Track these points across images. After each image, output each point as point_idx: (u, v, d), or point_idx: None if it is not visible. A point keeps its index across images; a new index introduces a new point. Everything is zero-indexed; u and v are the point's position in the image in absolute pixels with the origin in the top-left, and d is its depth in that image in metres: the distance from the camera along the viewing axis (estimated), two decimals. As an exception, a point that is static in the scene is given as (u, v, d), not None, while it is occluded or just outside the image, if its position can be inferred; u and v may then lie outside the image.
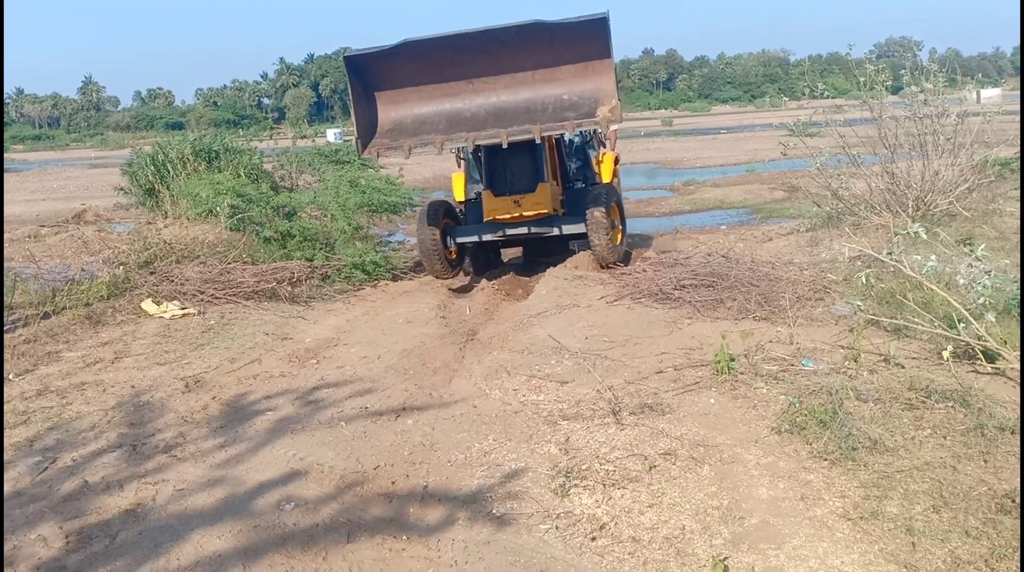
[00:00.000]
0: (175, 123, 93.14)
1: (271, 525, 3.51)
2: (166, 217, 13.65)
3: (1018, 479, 3.41)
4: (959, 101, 10.53)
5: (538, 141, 7.53)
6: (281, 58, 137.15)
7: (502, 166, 8.71)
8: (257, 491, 3.87)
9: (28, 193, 28.10)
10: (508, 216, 8.67)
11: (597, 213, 8.36)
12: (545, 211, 8.66)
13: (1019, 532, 3.02)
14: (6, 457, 4.56)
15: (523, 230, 8.93)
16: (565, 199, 9.25)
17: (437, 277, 9.01)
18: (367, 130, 8.02)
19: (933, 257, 5.84)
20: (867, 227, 9.36)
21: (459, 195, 9.64)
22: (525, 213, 8.63)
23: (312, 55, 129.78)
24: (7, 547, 3.56)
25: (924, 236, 5.11)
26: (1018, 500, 3.25)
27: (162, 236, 10.34)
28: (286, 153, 16.23)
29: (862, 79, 9.97)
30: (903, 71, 10.33)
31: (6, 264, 9.77)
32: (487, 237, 9.19)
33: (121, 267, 8.97)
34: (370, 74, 8.00)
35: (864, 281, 5.40)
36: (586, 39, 7.23)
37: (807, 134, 10.42)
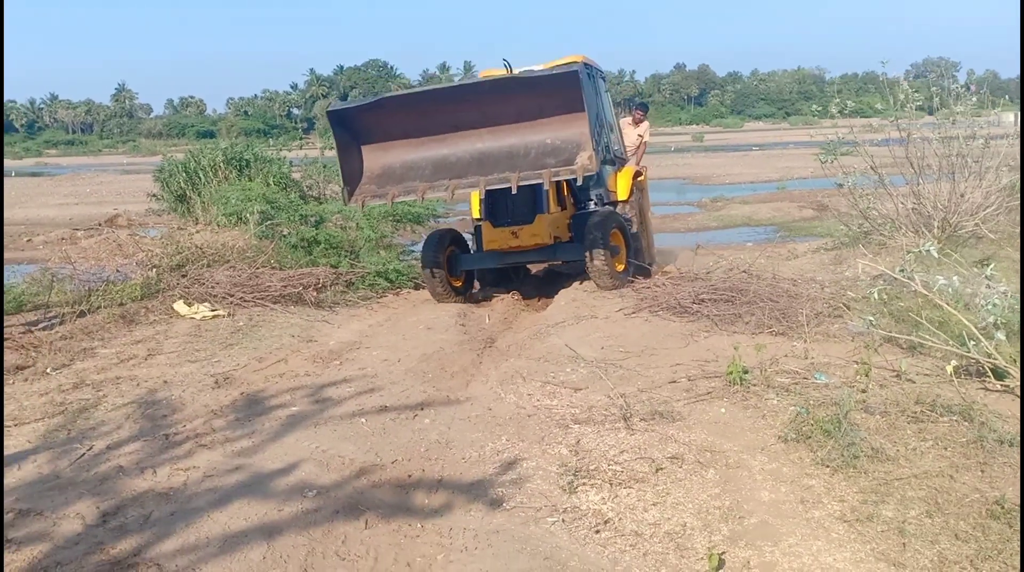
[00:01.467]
0: (206, 131, 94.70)
1: (293, 510, 3.71)
2: (196, 223, 14.03)
3: (1010, 487, 3.53)
4: (992, 123, 10.55)
5: (514, 191, 7.51)
6: (311, 69, 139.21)
7: (502, 196, 8.73)
8: (280, 479, 4.06)
9: (61, 197, 28.80)
10: (506, 247, 8.81)
11: (595, 251, 8.38)
12: (542, 242, 8.74)
13: (1010, 536, 3.14)
14: (45, 443, 4.80)
15: (523, 259, 9.06)
16: (572, 223, 9.30)
17: (440, 301, 9.09)
18: (353, 177, 8.12)
19: (955, 278, 5.93)
20: (892, 247, 9.41)
21: (475, 213, 9.74)
22: (523, 244, 8.73)
23: (341, 67, 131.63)
24: (46, 523, 3.78)
25: (936, 255, 5.22)
26: (1006, 506, 3.36)
27: (194, 241, 10.64)
28: (314, 163, 16.60)
29: (899, 97, 9.99)
30: (935, 91, 10.37)
31: (44, 265, 10.14)
32: (488, 266, 9.36)
33: (154, 270, 9.27)
34: (356, 125, 8.12)
35: (876, 297, 5.51)
36: (562, 90, 7.27)
37: (840, 153, 10.48)
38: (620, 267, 8.89)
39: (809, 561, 3.21)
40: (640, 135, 12.02)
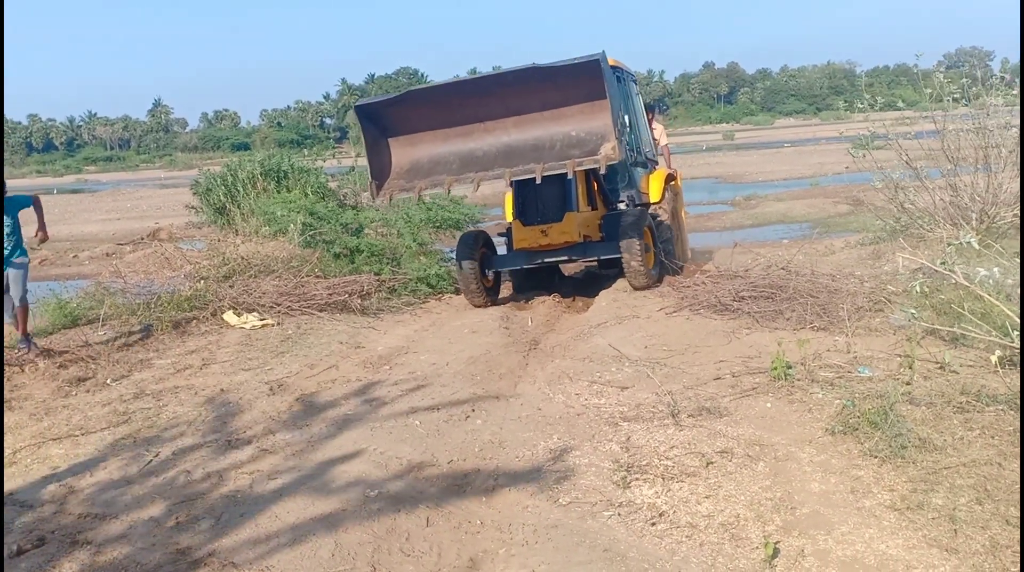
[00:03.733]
0: (241, 144, 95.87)
1: (357, 509, 3.86)
2: (237, 234, 14.30)
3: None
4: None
5: (538, 181, 7.60)
6: (343, 79, 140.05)
7: (533, 195, 8.83)
8: (342, 479, 4.23)
9: (103, 213, 29.50)
10: (536, 245, 8.92)
11: (632, 251, 8.51)
12: (572, 240, 8.83)
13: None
14: (113, 450, 5.02)
15: (553, 258, 9.16)
16: (603, 223, 9.38)
17: (473, 304, 9.24)
18: (381, 172, 8.24)
19: (996, 269, 5.93)
20: (931, 240, 9.38)
21: (508, 216, 9.84)
22: (553, 242, 8.83)
23: (373, 75, 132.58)
24: (122, 525, 3.98)
25: (976, 246, 5.24)
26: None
27: (239, 252, 10.89)
28: (350, 172, 16.83)
29: (928, 91, 9.94)
30: (966, 81, 10.29)
31: (96, 279, 10.48)
32: (519, 266, 9.47)
33: (202, 281, 9.52)
34: (384, 119, 8.26)
35: (919, 290, 5.54)
36: (584, 80, 7.33)
37: (873, 147, 10.45)
38: (650, 265, 9.02)
39: (862, 548, 3.30)
40: (656, 139, 11.94)
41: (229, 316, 8.48)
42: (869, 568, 3.20)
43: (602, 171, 8.54)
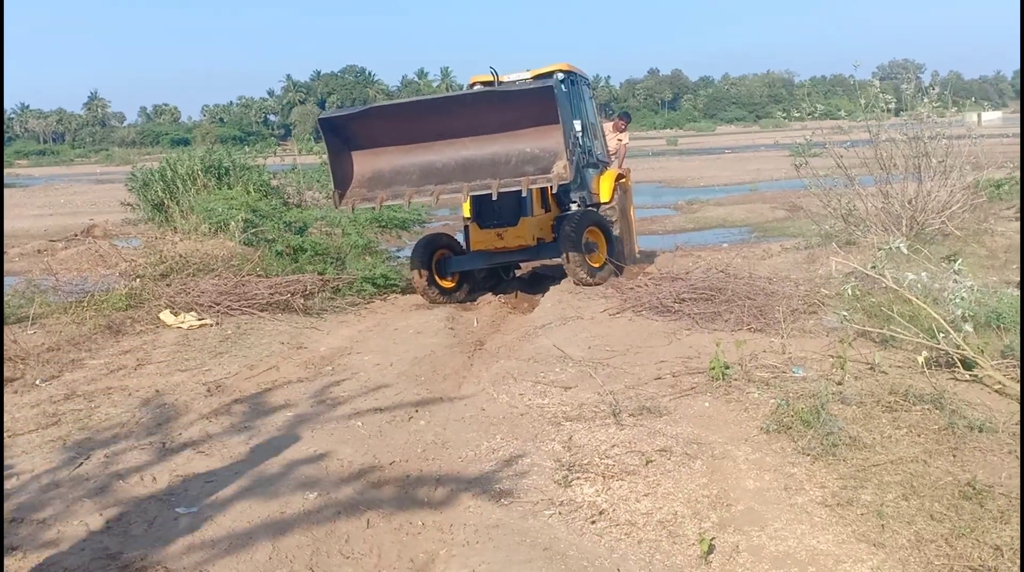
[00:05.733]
0: (181, 139, 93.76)
1: (296, 511, 3.82)
2: (175, 232, 13.97)
3: (981, 470, 3.75)
4: (959, 123, 10.89)
5: (494, 197, 7.92)
6: (288, 75, 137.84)
7: (489, 199, 8.94)
8: (281, 482, 4.17)
9: (35, 208, 28.47)
10: (492, 248, 9.26)
11: (569, 250, 8.84)
12: (525, 244, 9.20)
13: (981, 515, 3.35)
14: (41, 453, 4.86)
15: (509, 259, 9.59)
16: (556, 225, 9.64)
17: (429, 301, 9.41)
18: (343, 181, 8.40)
19: (924, 273, 6.16)
20: (863, 245, 9.68)
21: (467, 212, 10.01)
22: (508, 245, 9.20)
23: (319, 72, 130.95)
24: (52, 532, 3.85)
25: (905, 251, 5.44)
26: (977, 487, 3.58)
27: (177, 250, 10.65)
28: (294, 170, 16.60)
29: (863, 101, 10.30)
30: (903, 94, 10.68)
31: (26, 276, 10.13)
32: (476, 267, 9.79)
33: (138, 280, 9.28)
34: (347, 132, 8.41)
35: (850, 293, 5.72)
36: (539, 104, 7.62)
37: (809, 155, 10.76)
38: (598, 263, 9.23)
39: (794, 544, 3.40)
40: (620, 139, 12.41)
41: (166, 315, 8.27)
42: (800, 562, 3.30)
43: (553, 191, 8.84)
